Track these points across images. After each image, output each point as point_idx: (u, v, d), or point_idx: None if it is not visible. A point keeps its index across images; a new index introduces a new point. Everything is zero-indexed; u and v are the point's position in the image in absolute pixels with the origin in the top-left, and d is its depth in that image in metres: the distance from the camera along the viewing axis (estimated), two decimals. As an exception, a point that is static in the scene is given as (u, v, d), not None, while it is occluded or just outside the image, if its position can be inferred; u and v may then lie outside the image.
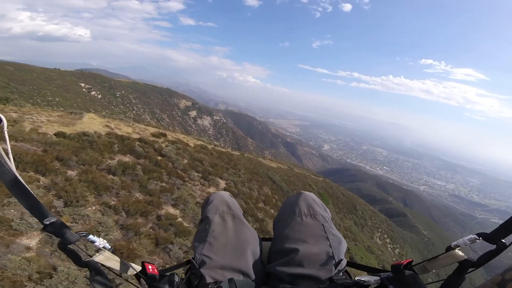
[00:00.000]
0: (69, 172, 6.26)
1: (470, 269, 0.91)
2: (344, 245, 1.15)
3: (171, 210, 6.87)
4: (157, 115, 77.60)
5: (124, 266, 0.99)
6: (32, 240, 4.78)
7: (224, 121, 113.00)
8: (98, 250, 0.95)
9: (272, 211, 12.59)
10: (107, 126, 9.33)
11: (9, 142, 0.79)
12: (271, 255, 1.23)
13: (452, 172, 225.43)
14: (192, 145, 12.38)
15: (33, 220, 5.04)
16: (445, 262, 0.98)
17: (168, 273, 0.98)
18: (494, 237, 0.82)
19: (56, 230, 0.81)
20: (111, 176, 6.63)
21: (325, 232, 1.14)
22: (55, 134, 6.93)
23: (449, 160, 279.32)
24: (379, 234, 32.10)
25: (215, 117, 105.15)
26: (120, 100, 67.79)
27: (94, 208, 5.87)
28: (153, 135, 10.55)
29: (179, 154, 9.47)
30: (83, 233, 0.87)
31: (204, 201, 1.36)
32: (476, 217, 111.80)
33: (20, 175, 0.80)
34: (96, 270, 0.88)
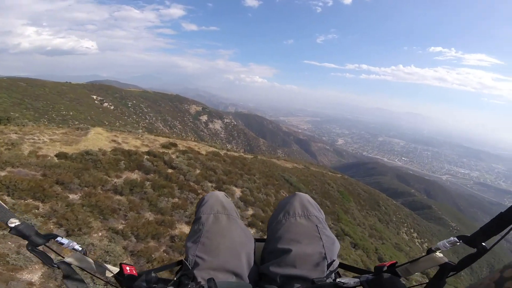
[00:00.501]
0: (71, 196, 5.78)
1: (451, 273, 0.88)
2: (337, 246, 1.15)
3: (186, 228, 6.27)
4: (169, 123, 78.54)
5: (100, 268, 0.96)
6: (34, 274, 4.28)
7: (235, 123, 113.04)
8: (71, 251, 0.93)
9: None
10: (114, 140, 8.90)
11: (6, 168, 0.80)
12: (264, 256, 1.21)
13: (475, 159, 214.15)
14: (204, 152, 11.83)
15: (31, 254, 4.59)
16: (426, 265, 0.95)
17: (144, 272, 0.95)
18: (475, 240, 0.80)
19: (22, 232, 0.81)
20: (117, 197, 6.12)
21: (319, 233, 1.13)
22: (56, 156, 6.53)
23: (472, 147, 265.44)
24: (405, 229, 30.41)
25: (225, 120, 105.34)
26: (132, 110, 68.86)
27: (100, 234, 5.35)
28: (163, 146, 10.06)
29: (190, 164, 8.90)
30: (50, 235, 0.86)
31: (199, 201, 1.33)
32: (505, 205, 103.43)
33: (16, 203, 0.85)
34: (68, 271, 0.88)
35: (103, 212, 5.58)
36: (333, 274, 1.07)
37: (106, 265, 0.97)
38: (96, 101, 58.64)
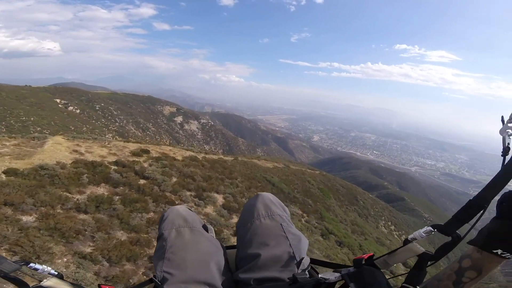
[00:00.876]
0: (25, 219, 4.90)
1: (430, 262, 0.90)
2: (305, 243, 1.16)
3: (163, 246, 5.61)
4: (141, 125, 74.94)
5: None
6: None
7: (212, 123, 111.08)
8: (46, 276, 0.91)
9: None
10: (76, 151, 7.81)
11: None
12: (237, 263, 1.21)
13: (440, 150, 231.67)
14: (180, 158, 11.04)
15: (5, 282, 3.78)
16: (404, 255, 0.96)
17: None
18: (448, 229, 0.82)
19: None
20: (82, 216, 5.30)
21: (284, 232, 1.14)
22: (4, 172, 5.51)
23: (436, 139, 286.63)
24: (383, 222, 31.71)
25: (202, 121, 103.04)
26: (100, 113, 64.73)
27: (65, 260, 4.57)
28: (133, 153, 9.12)
29: (165, 173, 8.11)
30: (22, 262, 0.85)
31: (160, 219, 1.31)
32: (470, 194, 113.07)
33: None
34: None
35: (65, 235, 4.78)
36: (306, 272, 1.07)
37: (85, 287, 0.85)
38: (60, 105, 54.32)
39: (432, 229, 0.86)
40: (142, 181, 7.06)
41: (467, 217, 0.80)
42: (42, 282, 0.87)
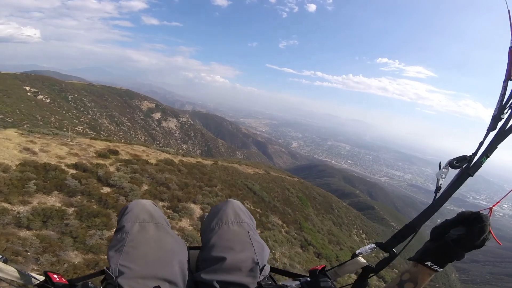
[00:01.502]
0: None
1: (371, 274, 1.05)
2: (267, 251, 1.20)
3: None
4: (116, 119, 70.77)
5: (24, 277, 0.91)
6: None
7: (192, 122, 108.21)
8: None
9: (258, 231, 10.81)
10: (27, 149, 6.48)
11: None
12: (199, 264, 1.21)
13: (408, 163, 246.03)
14: (154, 161, 9.98)
15: None
16: (351, 268, 1.11)
17: (80, 282, 0.93)
18: (387, 246, 1.00)
19: None
20: (23, 233, 4.25)
21: (250, 239, 1.16)
22: None
23: (405, 152, 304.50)
24: (356, 230, 32.38)
25: (181, 119, 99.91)
26: (72, 104, 60.31)
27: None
28: (99, 154, 7.94)
29: (135, 180, 7.09)
30: None
31: (121, 211, 1.25)
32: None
33: None
34: None
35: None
36: (266, 279, 1.11)
37: (31, 273, 0.91)
38: (29, 93, 49.86)
39: (375, 246, 1.03)
40: (105, 190, 6.01)
41: (403, 238, 0.98)
42: None
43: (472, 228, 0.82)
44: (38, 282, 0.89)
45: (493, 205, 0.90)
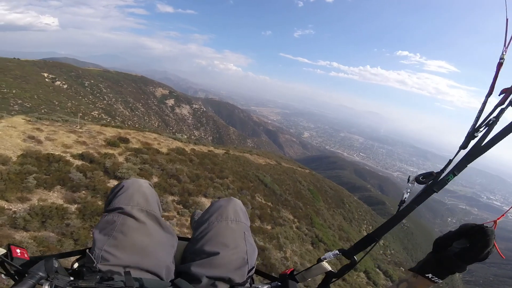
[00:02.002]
0: None
1: (333, 279, 1.09)
2: (256, 254, 1.23)
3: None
4: (130, 105, 71.83)
5: None
6: None
7: (204, 109, 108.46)
8: None
9: (269, 227, 10.57)
10: (32, 137, 6.20)
11: None
12: (187, 255, 1.20)
13: (423, 159, 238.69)
14: (165, 150, 9.74)
15: None
16: (317, 272, 1.15)
17: (42, 260, 0.85)
18: (350, 253, 1.03)
19: None
20: (19, 234, 4.01)
21: (245, 240, 1.19)
22: None
23: (421, 147, 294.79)
24: (365, 226, 31.80)
25: (194, 106, 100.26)
26: (89, 89, 61.57)
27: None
28: (108, 142, 7.71)
29: (144, 171, 6.84)
30: None
31: (116, 187, 1.20)
32: (446, 203, 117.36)
33: None
34: None
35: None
36: (250, 279, 1.16)
37: None
38: (47, 79, 51.27)
39: (339, 253, 1.07)
40: (112, 183, 5.75)
41: (364, 246, 1.02)
42: None
43: (475, 242, 0.81)
44: None
45: (498, 218, 0.88)
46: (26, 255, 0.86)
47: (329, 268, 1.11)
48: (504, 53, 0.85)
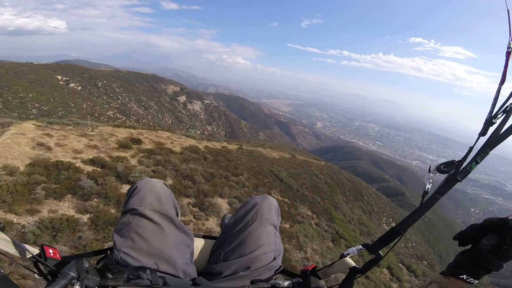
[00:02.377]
0: None
1: (358, 275, 1.06)
2: (282, 253, 1.25)
3: None
4: (144, 103, 73.03)
5: (19, 248, 0.90)
6: None
7: (216, 104, 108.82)
8: None
9: (287, 226, 10.13)
10: (42, 144, 5.93)
11: None
12: (217, 254, 1.21)
13: (443, 146, 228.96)
14: (178, 149, 9.44)
15: None
16: (340, 268, 1.14)
17: (74, 260, 0.90)
18: (374, 248, 1.00)
19: None
20: (30, 250, 3.72)
21: (275, 240, 1.22)
22: None
23: (440, 134, 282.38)
24: (385, 219, 30.77)
25: (205, 101, 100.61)
26: (102, 90, 62.94)
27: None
28: (121, 145, 7.46)
29: (158, 173, 6.53)
30: None
31: (130, 189, 1.22)
32: (468, 193, 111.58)
33: None
34: None
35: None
36: (274, 277, 1.17)
37: (26, 245, 0.89)
38: (61, 82, 52.61)
39: (362, 248, 1.05)
40: (124, 189, 5.45)
41: (388, 240, 0.98)
42: None
43: (503, 237, 0.78)
44: (31, 255, 0.87)
45: None
46: (58, 255, 0.89)
47: (353, 263, 1.08)
48: (510, 42, 0.85)
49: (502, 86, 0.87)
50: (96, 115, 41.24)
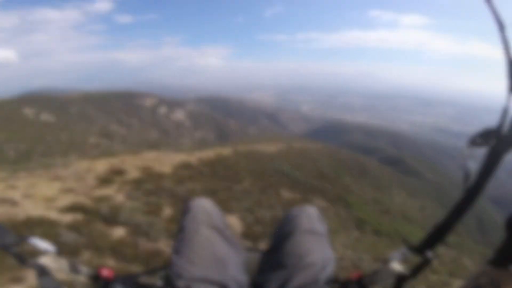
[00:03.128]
0: None
1: (406, 281, 0.97)
2: (333, 262, 1.21)
3: None
4: (124, 122, 70.14)
5: (75, 269, 0.95)
6: None
7: (199, 109, 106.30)
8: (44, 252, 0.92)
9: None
10: (5, 201, 4.40)
11: None
12: (264, 267, 1.23)
13: (427, 107, 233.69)
14: (169, 169, 8.14)
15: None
16: (386, 275, 1.05)
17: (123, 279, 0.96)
18: (421, 250, 0.91)
19: None
20: None
21: (322, 249, 1.19)
22: None
23: (422, 96, 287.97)
24: (396, 191, 30.27)
25: (187, 108, 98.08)
26: (77, 117, 59.57)
27: None
28: (102, 180, 6.12)
29: (151, 206, 5.23)
30: (25, 236, 0.87)
31: (184, 209, 1.31)
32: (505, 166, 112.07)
33: None
34: (41, 272, 0.87)
35: None
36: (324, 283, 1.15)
37: (81, 266, 0.94)
38: (31, 116, 48.88)
39: (407, 250, 0.97)
40: (117, 233, 4.17)
41: (437, 239, 0.89)
42: (39, 258, 0.86)
43: None
44: (87, 276, 0.92)
45: None
46: (112, 276, 0.93)
47: (401, 269, 0.98)
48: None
49: None
50: (78, 145, 38.83)
